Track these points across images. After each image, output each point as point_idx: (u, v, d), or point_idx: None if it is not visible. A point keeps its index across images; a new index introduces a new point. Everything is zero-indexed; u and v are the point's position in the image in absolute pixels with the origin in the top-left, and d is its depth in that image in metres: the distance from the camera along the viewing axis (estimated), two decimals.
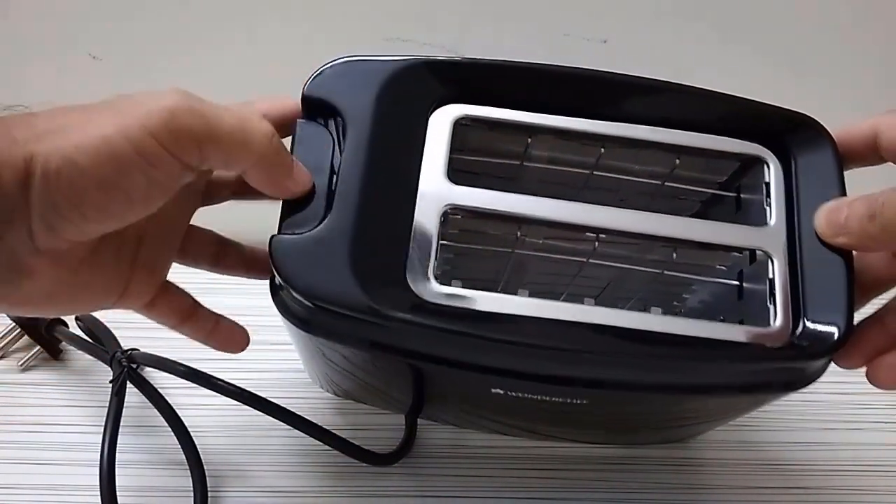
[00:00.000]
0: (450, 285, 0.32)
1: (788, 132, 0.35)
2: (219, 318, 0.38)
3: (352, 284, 0.31)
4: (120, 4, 0.58)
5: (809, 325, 0.32)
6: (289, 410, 0.45)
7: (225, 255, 0.38)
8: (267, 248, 0.31)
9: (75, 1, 0.58)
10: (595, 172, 0.38)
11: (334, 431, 0.46)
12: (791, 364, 0.33)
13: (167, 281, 0.36)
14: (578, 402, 0.36)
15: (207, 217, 0.37)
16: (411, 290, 0.32)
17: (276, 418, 0.45)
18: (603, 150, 0.36)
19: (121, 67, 0.60)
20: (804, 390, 0.34)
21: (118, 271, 0.32)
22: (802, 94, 0.38)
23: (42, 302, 0.29)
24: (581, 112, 0.35)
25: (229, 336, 0.38)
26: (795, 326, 0.32)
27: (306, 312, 0.33)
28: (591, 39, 0.57)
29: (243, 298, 0.40)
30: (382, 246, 0.32)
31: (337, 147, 0.33)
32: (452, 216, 0.35)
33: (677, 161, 0.36)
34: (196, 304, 0.37)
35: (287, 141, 0.34)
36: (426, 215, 0.33)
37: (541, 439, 0.49)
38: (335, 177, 0.33)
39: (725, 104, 0.35)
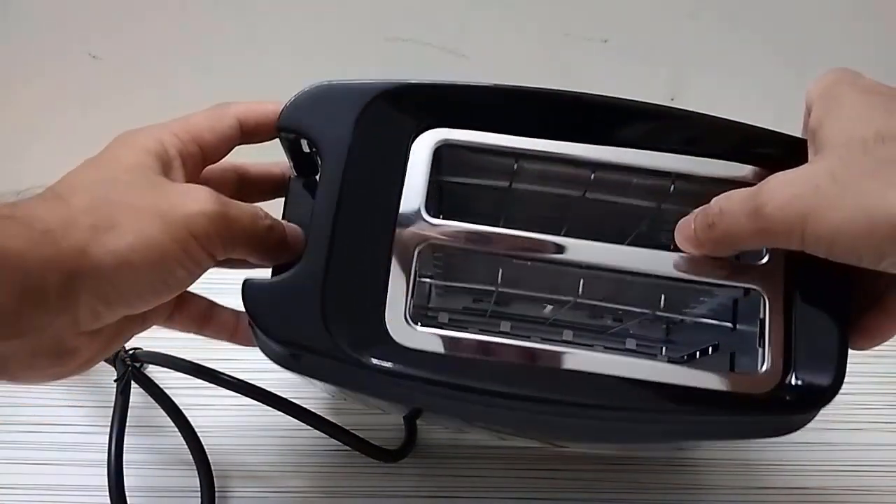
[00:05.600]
0: (430, 324, 0.32)
1: (783, 157, 0.32)
2: (240, 315, 0.37)
3: (322, 330, 0.30)
4: (120, 4, 0.58)
5: (798, 375, 0.31)
6: (291, 402, 0.45)
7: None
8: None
9: (75, 1, 0.58)
10: (587, 196, 0.36)
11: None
12: (774, 416, 0.32)
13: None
14: (559, 438, 0.36)
15: None
16: (386, 333, 0.31)
17: (282, 411, 0.45)
18: (593, 175, 0.35)
19: (121, 67, 0.60)
20: None
21: None
22: (802, 93, 0.38)
23: (85, 366, 0.31)
24: (570, 136, 0.34)
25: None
26: (785, 374, 0.31)
27: (282, 352, 0.32)
28: (592, 39, 0.57)
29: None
30: (356, 288, 0.31)
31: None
32: (434, 250, 0.34)
33: (672, 188, 0.35)
34: (213, 306, 0.37)
35: (273, 146, 0.35)
36: (403, 254, 0.32)
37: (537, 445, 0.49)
38: (311, 215, 0.32)
39: (718, 128, 0.34)
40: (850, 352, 0.32)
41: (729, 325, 0.35)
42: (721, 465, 0.49)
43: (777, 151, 0.33)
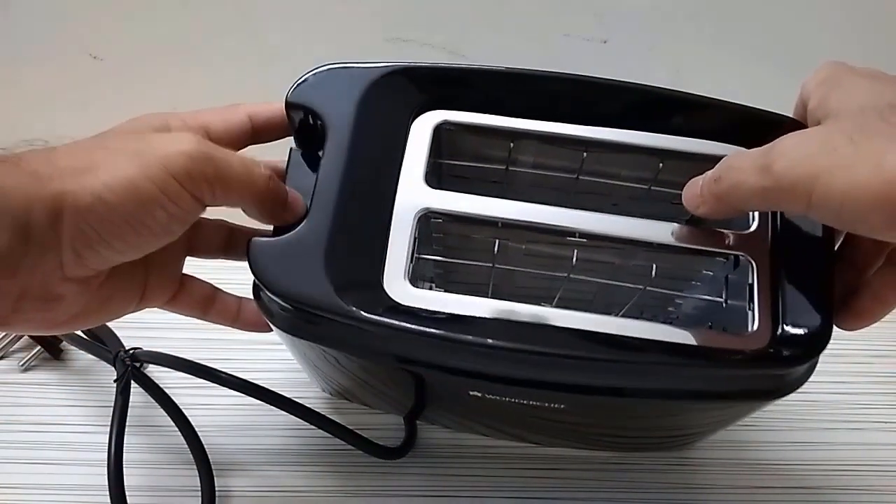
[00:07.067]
0: (430, 289, 0.33)
1: (771, 135, 0.33)
2: (241, 301, 0.39)
3: (326, 286, 0.31)
4: (120, 4, 0.58)
5: (788, 330, 0.31)
6: (292, 400, 0.45)
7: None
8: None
9: (75, 1, 0.58)
10: (581, 177, 0.37)
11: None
12: (767, 370, 0.33)
13: (184, 274, 0.37)
14: (555, 405, 0.36)
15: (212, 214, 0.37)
16: (385, 292, 0.32)
17: (283, 409, 0.45)
18: (586, 154, 0.36)
19: (121, 67, 0.61)
20: (804, 390, 0.34)
21: (134, 280, 0.33)
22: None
23: (72, 322, 0.31)
24: (564, 117, 0.35)
25: (257, 316, 0.38)
26: (775, 331, 0.32)
27: (285, 314, 0.33)
28: (591, 40, 0.57)
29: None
30: (358, 249, 0.33)
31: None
32: (433, 220, 0.34)
33: (661, 165, 0.36)
34: (216, 291, 0.38)
35: (276, 146, 0.35)
36: (403, 219, 0.33)
37: (537, 446, 0.49)
38: (315, 182, 0.33)
39: (708, 107, 0.35)
40: (851, 352, 0.32)
41: (720, 300, 0.36)
42: (721, 464, 0.49)
43: (779, 131, 0.34)
